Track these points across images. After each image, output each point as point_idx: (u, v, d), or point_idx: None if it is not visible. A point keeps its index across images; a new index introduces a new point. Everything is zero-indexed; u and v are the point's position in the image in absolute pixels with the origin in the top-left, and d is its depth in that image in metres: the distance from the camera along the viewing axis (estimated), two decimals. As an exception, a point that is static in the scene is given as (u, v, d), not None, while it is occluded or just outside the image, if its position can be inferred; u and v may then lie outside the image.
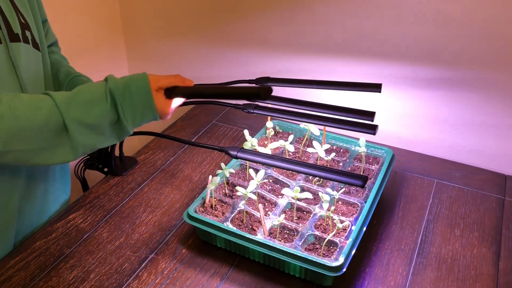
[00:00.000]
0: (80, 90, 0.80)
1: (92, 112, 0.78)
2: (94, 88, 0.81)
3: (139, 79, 0.82)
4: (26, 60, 0.89)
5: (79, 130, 0.78)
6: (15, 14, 0.86)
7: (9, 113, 0.73)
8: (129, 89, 0.80)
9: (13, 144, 0.74)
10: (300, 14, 1.32)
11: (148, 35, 1.66)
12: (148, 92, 0.81)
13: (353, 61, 1.31)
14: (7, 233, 0.94)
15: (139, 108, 0.81)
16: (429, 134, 1.30)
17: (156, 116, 0.84)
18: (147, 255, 0.95)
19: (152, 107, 0.82)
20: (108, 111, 0.79)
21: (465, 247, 0.98)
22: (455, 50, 1.17)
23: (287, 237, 0.92)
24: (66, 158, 0.79)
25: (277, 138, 1.21)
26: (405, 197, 1.12)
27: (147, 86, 0.81)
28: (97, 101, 0.79)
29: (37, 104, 0.76)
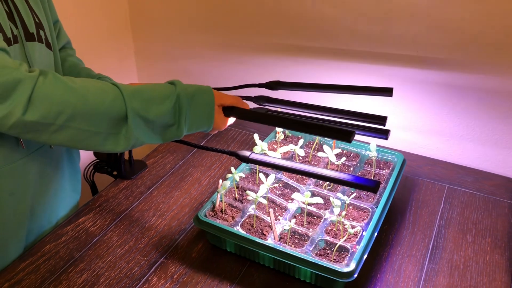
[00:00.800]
0: (146, 87, 0.83)
1: (155, 108, 0.81)
2: (161, 87, 0.84)
3: (207, 92, 0.86)
4: (40, 59, 0.90)
5: (137, 123, 0.80)
6: (30, 14, 0.87)
7: (82, 89, 0.76)
8: (196, 99, 0.85)
9: (75, 121, 0.76)
10: (310, 17, 1.32)
11: (157, 36, 1.66)
12: (212, 107, 0.86)
13: (363, 65, 1.30)
14: (18, 234, 0.94)
15: (200, 119, 0.86)
16: (440, 139, 1.29)
17: (210, 128, 0.88)
18: (156, 259, 0.94)
19: (211, 120, 0.87)
20: (169, 111, 0.82)
21: (477, 253, 0.97)
22: (467, 55, 1.16)
23: (298, 242, 0.91)
24: (117, 147, 0.81)
25: (287, 142, 1.20)
26: (416, 202, 1.11)
27: (212, 101, 0.86)
28: (161, 99, 0.82)
29: (105, 90, 0.79)
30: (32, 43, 0.87)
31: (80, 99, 0.75)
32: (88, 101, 0.76)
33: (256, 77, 1.48)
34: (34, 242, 1.00)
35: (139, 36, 1.70)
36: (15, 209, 0.91)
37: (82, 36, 1.50)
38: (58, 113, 0.74)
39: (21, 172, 0.89)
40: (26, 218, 0.95)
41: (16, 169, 0.88)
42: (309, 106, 0.99)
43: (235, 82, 1.26)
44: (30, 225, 0.97)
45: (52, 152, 0.96)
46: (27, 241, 0.98)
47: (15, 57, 0.83)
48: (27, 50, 0.85)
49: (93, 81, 0.80)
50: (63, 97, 0.74)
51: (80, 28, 1.49)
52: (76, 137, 0.78)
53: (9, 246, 0.93)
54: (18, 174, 0.89)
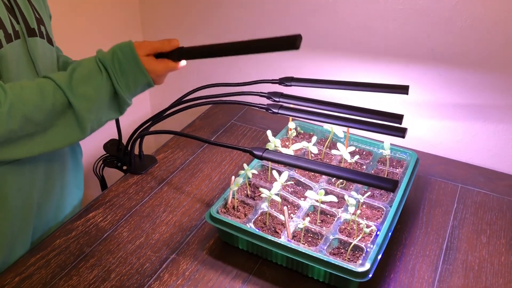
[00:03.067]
0: (74, 68, 0.82)
1: (91, 84, 0.81)
2: (86, 62, 0.83)
3: (125, 45, 0.84)
4: (42, 55, 0.89)
5: (82, 105, 0.80)
6: (31, 9, 0.87)
7: (18, 101, 0.75)
8: (117, 56, 0.83)
9: (28, 128, 0.77)
10: (324, 15, 1.30)
11: (167, 31, 1.64)
12: (135, 56, 0.83)
13: (377, 62, 1.29)
14: (25, 231, 0.93)
15: (130, 73, 0.83)
16: (454, 138, 1.27)
17: (149, 79, 0.85)
18: (168, 256, 0.94)
19: (142, 70, 0.84)
20: (104, 81, 0.82)
21: (492, 254, 0.96)
22: (482, 53, 1.14)
23: (311, 240, 0.90)
24: (76, 135, 0.82)
25: (298, 139, 1.19)
26: (429, 202, 1.09)
27: (133, 51, 0.83)
28: (93, 73, 0.82)
29: (40, 88, 0.78)
30: (33, 39, 0.86)
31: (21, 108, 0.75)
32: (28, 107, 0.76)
33: (269, 73, 1.47)
34: (39, 239, 0.99)
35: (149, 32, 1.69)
36: (22, 205, 0.90)
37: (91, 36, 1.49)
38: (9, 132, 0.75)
39: (28, 168, 0.89)
40: (33, 214, 0.94)
41: (24, 165, 0.87)
42: (323, 102, 0.98)
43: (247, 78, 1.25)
44: (36, 222, 0.96)
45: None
46: (33, 238, 0.97)
47: (16, 54, 0.82)
48: (29, 45, 0.85)
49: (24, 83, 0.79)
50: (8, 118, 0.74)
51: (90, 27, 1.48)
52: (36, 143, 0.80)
53: (15, 243, 0.92)
54: (26, 169, 0.88)
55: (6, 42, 0.79)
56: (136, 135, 1.10)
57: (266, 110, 0.99)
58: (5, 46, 0.78)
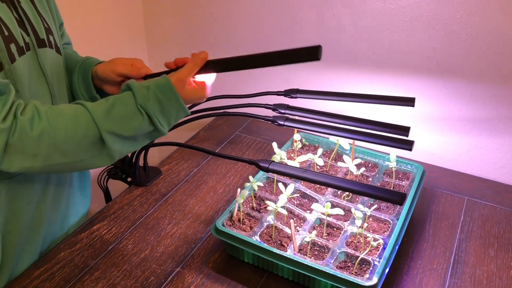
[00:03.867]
0: (114, 104, 0.81)
1: (128, 126, 0.80)
2: (126, 102, 0.81)
3: (164, 85, 0.82)
4: (52, 65, 0.89)
5: (115, 141, 0.79)
6: (39, 19, 0.87)
7: (49, 129, 0.75)
8: (157, 98, 0.81)
9: (55, 158, 0.76)
10: (329, 27, 1.31)
11: (171, 40, 1.65)
12: (176, 95, 0.82)
13: (383, 74, 1.29)
14: (34, 242, 0.93)
15: (173, 112, 0.83)
16: (460, 150, 1.27)
17: (187, 111, 0.85)
18: (173, 269, 0.93)
19: (182, 106, 0.84)
20: (144, 124, 0.81)
21: (500, 268, 0.94)
22: (488, 65, 1.14)
23: (317, 254, 0.90)
24: (103, 163, 0.82)
25: (304, 151, 1.19)
26: (436, 214, 1.09)
27: (173, 90, 0.82)
28: (132, 116, 0.80)
29: (75, 118, 0.77)
30: (43, 50, 0.86)
31: (52, 138, 0.75)
32: (59, 137, 0.75)
33: (274, 85, 1.47)
34: (47, 249, 0.98)
35: (152, 39, 1.70)
36: (32, 217, 0.90)
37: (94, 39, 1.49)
38: (34, 157, 0.75)
39: (39, 182, 0.89)
40: (43, 226, 0.94)
41: (35, 178, 0.88)
42: (328, 114, 0.98)
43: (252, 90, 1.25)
44: (45, 233, 0.96)
45: None
46: (42, 248, 0.97)
47: (28, 65, 0.82)
48: (39, 57, 0.85)
49: (61, 109, 0.78)
50: (37, 143, 0.74)
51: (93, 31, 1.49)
52: (60, 169, 0.80)
53: (24, 254, 0.92)
54: (37, 184, 0.89)
55: (18, 55, 0.79)
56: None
57: (272, 122, 0.99)
58: (18, 59, 0.79)
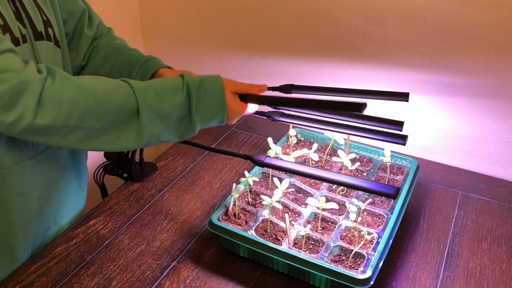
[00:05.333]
0: (156, 80, 0.82)
1: (167, 101, 0.79)
2: (171, 80, 0.83)
3: (215, 79, 0.84)
4: (48, 58, 0.89)
5: (150, 117, 0.78)
6: (38, 12, 0.86)
7: (91, 87, 0.75)
8: (205, 87, 0.82)
9: (87, 120, 0.75)
10: (323, 22, 1.31)
11: (167, 40, 1.65)
12: (222, 93, 0.83)
13: (378, 69, 1.29)
14: (26, 236, 0.93)
15: (211, 106, 0.83)
16: (454, 145, 1.28)
17: (225, 117, 0.85)
18: (168, 263, 0.93)
19: (223, 107, 0.83)
20: (182, 102, 0.80)
21: (493, 261, 0.95)
22: (482, 60, 1.15)
23: (312, 247, 0.90)
24: (130, 144, 0.79)
25: (299, 146, 1.19)
26: (430, 209, 1.09)
27: (221, 87, 0.83)
28: (174, 91, 0.80)
29: (115, 85, 0.78)
30: (40, 42, 0.86)
31: (91, 97, 0.74)
32: (98, 99, 0.75)
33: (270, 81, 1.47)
34: (41, 245, 0.99)
35: (149, 41, 1.70)
36: (23, 209, 0.90)
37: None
38: (69, 114, 0.73)
39: (30, 172, 0.88)
40: (34, 219, 0.94)
41: (25, 169, 0.87)
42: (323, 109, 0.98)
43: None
44: (37, 227, 0.96)
45: (60, 150, 0.95)
46: (34, 243, 0.97)
47: (24, 57, 0.81)
48: (36, 49, 0.84)
49: (103, 79, 0.80)
50: (73, 98, 0.73)
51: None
52: (87, 137, 0.77)
53: (17, 249, 0.92)
54: (27, 174, 0.88)
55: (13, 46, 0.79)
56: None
57: (267, 118, 0.99)
58: None
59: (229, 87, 0.85)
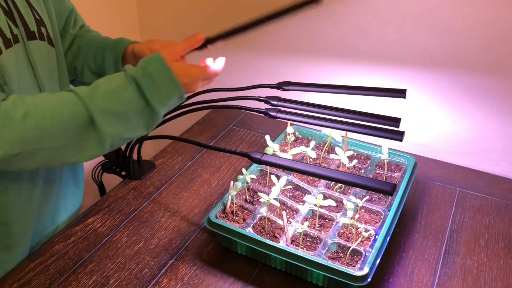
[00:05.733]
0: (100, 82, 0.79)
1: (118, 99, 0.77)
2: (115, 77, 0.80)
3: (154, 58, 0.80)
4: (42, 58, 0.88)
5: (105, 120, 0.76)
6: (30, 11, 0.86)
7: (35, 111, 0.73)
8: (149, 71, 0.79)
9: (43, 142, 0.73)
10: (322, 19, 1.31)
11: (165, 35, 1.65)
12: (167, 68, 0.79)
13: (375, 66, 1.29)
14: (25, 236, 0.93)
15: (163, 86, 0.79)
16: (452, 142, 1.28)
17: (181, 90, 0.81)
18: (166, 261, 0.94)
19: (174, 81, 0.80)
20: (134, 95, 0.78)
21: (490, 258, 0.96)
22: (480, 57, 1.15)
23: (310, 245, 0.90)
24: (94, 152, 0.78)
25: (297, 143, 1.19)
26: (427, 206, 1.10)
27: (163, 62, 0.79)
28: (121, 87, 0.77)
29: (61, 100, 0.76)
30: (33, 42, 0.85)
31: (39, 119, 0.72)
32: (46, 118, 0.73)
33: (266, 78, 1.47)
34: (38, 244, 0.99)
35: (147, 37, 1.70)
36: (22, 210, 0.90)
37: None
38: (22, 143, 0.72)
39: (27, 175, 0.89)
40: (33, 219, 0.94)
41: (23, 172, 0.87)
42: (320, 106, 0.98)
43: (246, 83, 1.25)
44: (35, 226, 0.96)
45: None
46: (32, 242, 0.97)
47: (16, 58, 0.81)
48: (28, 49, 0.84)
49: (46, 97, 0.76)
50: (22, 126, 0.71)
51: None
52: (50, 156, 0.76)
53: (15, 248, 0.92)
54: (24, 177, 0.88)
55: (5, 47, 0.78)
56: (134, 140, 1.10)
57: (264, 115, 0.99)
58: (4, 52, 0.78)
59: (171, 58, 0.81)
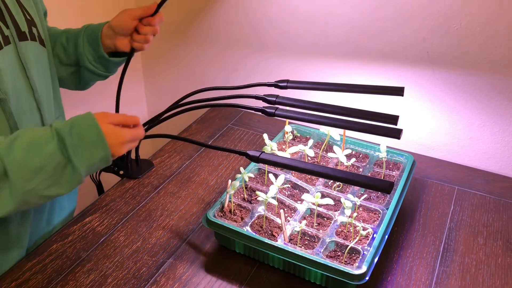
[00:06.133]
0: (21, 132, 0.75)
1: (37, 153, 0.72)
2: (38, 131, 0.75)
3: (86, 117, 0.77)
4: (34, 58, 0.88)
5: (19, 174, 0.71)
6: (21, 12, 0.85)
7: None
8: (77, 128, 0.75)
9: None
10: (319, 17, 1.31)
11: (164, 37, 1.65)
12: (97, 127, 0.76)
13: (373, 65, 1.29)
14: (21, 238, 0.93)
15: (90, 144, 0.75)
16: (450, 140, 1.28)
17: (108, 151, 0.77)
18: (164, 260, 0.93)
19: (103, 141, 0.76)
20: (55, 151, 0.73)
21: (489, 256, 0.96)
22: (478, 55, 1.15)
23: (308, 243, 0.90)
24: (7, 207, 0.73)
25: (295, 142, 1.19)
26: (426, 204, 1.09)
27: (94, 121, 0.76)
28: (43, 141, 0.73)
29: None
30: (25, 43, 0.85)
31: None
32: None
33: (264, 77, 1.47)
34: (35, 244, 0.99)
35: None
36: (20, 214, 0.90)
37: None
38: None
39: None
40: (30, 221, 0.94)
41: None
42: (318, 104, 0.98)
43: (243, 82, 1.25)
44: (32, 227, 0.96)
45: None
46: (29, 243, 0.97)
47: (8, 60, 0.81)
48: (20, 50, 0.83)
49: None
50: None
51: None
52: None
53: (12, 249, 0.92)
54: None
55: None
56: (132, 139, 1.10)
57: (262, 113, 0.99)
58: None
59: (104, 120, 0.78)
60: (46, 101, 0.95)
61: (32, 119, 0.90)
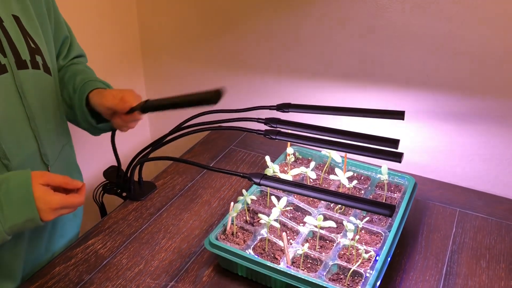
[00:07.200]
0: None
1: None
2: None
3: (21, 174, 0.75)
4: (34, 87, 0.87)
5: None
6: (23, 39, 0.85)
7: None
8: (8, 184, 0.73)
9: None
10: (320, 41, 1.33)
11: (166, 56, 1.67)
12: (28, 187, 0.73)
13: (374, 88, 1.31)
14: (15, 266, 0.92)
15: (17, 204, 0.72)
16: (451, 162, 1.28)
17: (35, 214, 0.73)
18: (167, 283, 0.93)
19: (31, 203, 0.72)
20: None
21: (492, 279, 0.95)
22: (477, 79, 1.16)
23: (310, 266, 0.90)
24: None
25: (297, 164, 1.20)
26: (428, 226, 1.10)
27: (27, 181, 0.73)
28: None
29: None
30: (24, 71, 0.84)
31: None
32: None
33: (265, 99, 1.49)
34: (31, 272, 0.97)
35: (148, 56, 1.72)
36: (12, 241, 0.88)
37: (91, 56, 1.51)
38: None
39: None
40: (23, 250, 0.93)
41: None
42: (320, 128, 0.99)
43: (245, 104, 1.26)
44: (27, 257, 0.95)
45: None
46: (24, 271, 0.96)
47: (3, 88, 0.81)
48: (17, 79, 0.83)
49: None
50: None
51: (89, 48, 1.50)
52: None
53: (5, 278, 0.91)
54: None
55: None
56: (135, 161, 1.11)
57: (264, 136, 1.00)
58: None
59: (39, 180, 0.75)
60: (45, 130, 0.92)
61: (28, 148, 0.88)
